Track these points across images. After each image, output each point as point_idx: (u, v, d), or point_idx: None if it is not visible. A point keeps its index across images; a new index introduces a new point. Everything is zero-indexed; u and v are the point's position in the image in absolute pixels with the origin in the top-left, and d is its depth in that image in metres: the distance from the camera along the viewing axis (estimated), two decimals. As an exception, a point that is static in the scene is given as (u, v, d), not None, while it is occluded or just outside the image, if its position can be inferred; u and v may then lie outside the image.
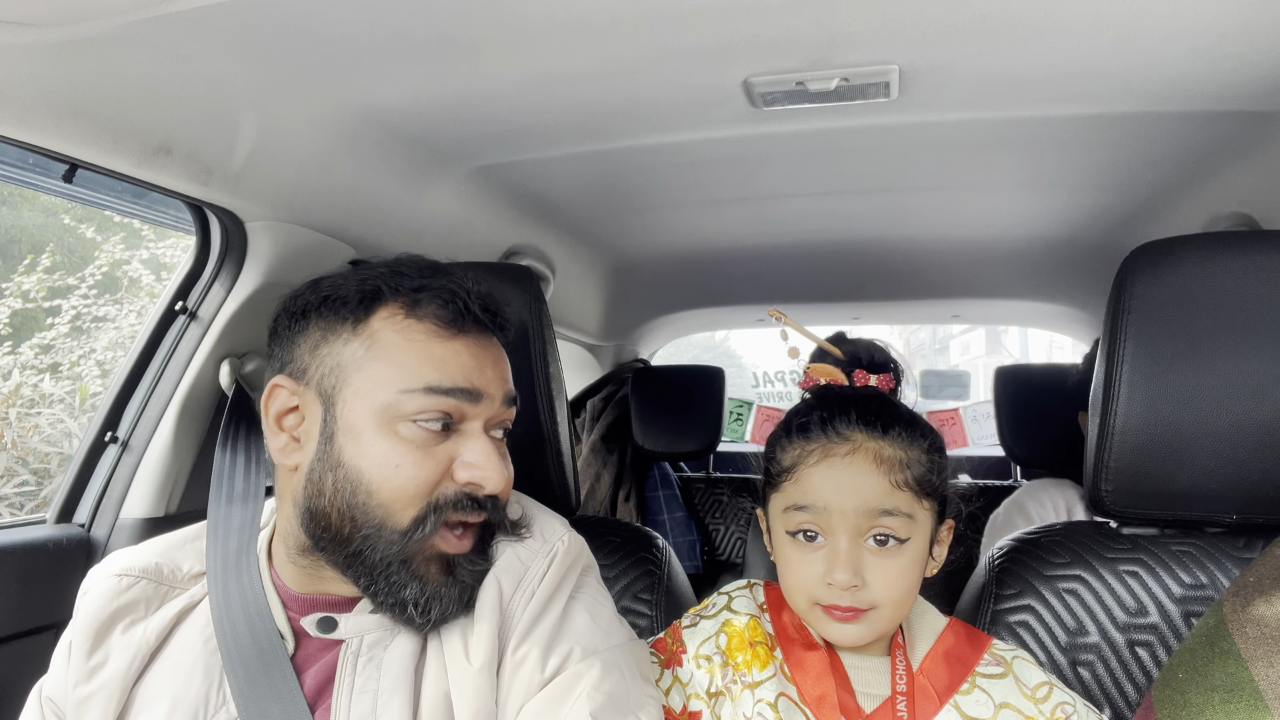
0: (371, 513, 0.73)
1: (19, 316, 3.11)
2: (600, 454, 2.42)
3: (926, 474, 0.82)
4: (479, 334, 0.80)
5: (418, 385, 0.74)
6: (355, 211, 1.21)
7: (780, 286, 2.23)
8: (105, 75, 0.81)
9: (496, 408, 0.79)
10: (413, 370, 0.75)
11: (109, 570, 0.83)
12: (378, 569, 0.74)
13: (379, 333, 0.76)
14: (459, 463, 0.76)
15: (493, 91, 1.02)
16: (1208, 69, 0.95)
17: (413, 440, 0.74)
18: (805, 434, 0.84)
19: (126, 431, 1.19)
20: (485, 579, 0.79)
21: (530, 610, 0.77)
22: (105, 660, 0.78)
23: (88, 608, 0.80)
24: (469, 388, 0.76)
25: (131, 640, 0.79)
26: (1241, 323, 0.88)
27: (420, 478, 0.74)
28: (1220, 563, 0.96)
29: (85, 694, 0.77)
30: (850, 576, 0.78)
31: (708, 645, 0.86)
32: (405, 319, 0.77)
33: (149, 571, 0.83)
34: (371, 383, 0.75)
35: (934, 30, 0.88)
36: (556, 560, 0.81)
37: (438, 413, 0.74)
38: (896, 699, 0.81)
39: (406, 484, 0.73)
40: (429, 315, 0.77)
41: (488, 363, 0.80)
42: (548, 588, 0.79)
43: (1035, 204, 1.55)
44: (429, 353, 0.76)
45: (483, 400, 0.77)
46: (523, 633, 0.76)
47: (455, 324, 0.78)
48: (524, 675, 0.74)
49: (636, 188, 1.47)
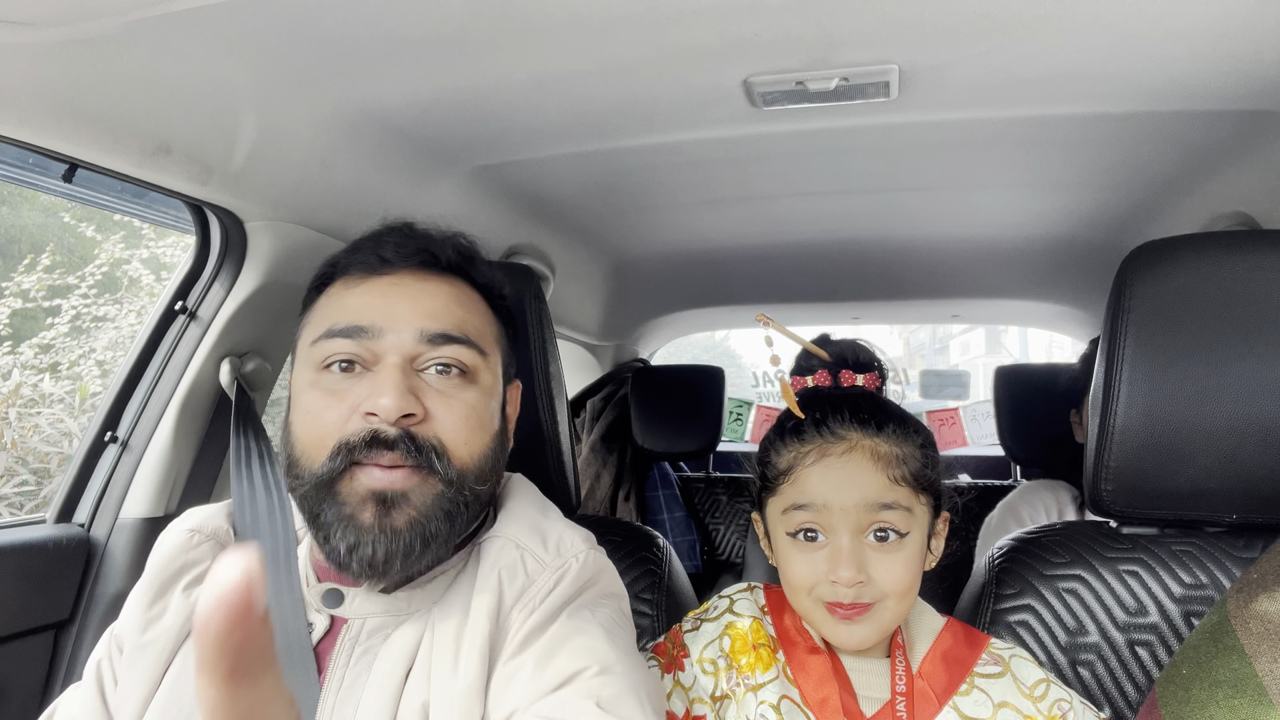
0: (297, 461, 0.74)
1: (19, 316, 3.11)
2: (600, 454, 2.42)
3: (922, 468, 0.83)
4: (407, 272, 0.78)
5: (320, 332, 0.75)
6: (355, 211, 1.21)
7: (780, 286, 2.23)
8: (105, 75, 0.81)
9: (409, 341, 0.74)
10: (321, 321, 0.76)
11: (184, 524, 0.83)
12: (310, 516, 0.74)
13: (315, 305, 0.80)
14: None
15: (493, 91, 1.02)
16: (1208, 69, 0.95)
17: (324, 387, 0.74)
18: (800, 435, 0.85)
19: (126, 431, 1.19)
20: (486, 580, 0.75)
21: (530, 624, 0.72)
22: (163, 613, 0.78)
23: (158, 557, 0.81)
24: (362, 324, 0.74)
25: (189, 600, 0.79)
26: (1241, 323, 0.88)
27: (325, 418, 0.73)
28: (1220, 562, 0.96)
29: (140, 643, 0.77)
30: (854, 573, 0.78)
31: (711, 649, 0.86)
32: (335, 283, 0.79)
33: (218, 534, 0.84)
34: (300, 350, 0.78)
35: (934, 30, 0.88)
36: (568, 578, 0.75)
37: (340, 355, 0.74)
38: (896, 700, 0.81)
39: (314, 426, 0.73)
40: (352, 269, 0.78)
41: (399, 297, 0.76)
42: (552, 604, 0.73)
43: (1035, 204, 1.55)
44: (339, 302, 0.77)
45: (384, 335, 0.74)
46: (518, 646, 0.71)
47: (370, 268, 0.78)
48: (517, 686, 0.68)
49: (636, 187, 1.47)
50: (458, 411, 0.75)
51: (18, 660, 1.05)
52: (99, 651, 0.81)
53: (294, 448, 0.75)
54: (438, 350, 0.75)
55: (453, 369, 0.76)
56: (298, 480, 0.74)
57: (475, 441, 0.76)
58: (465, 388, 0.77)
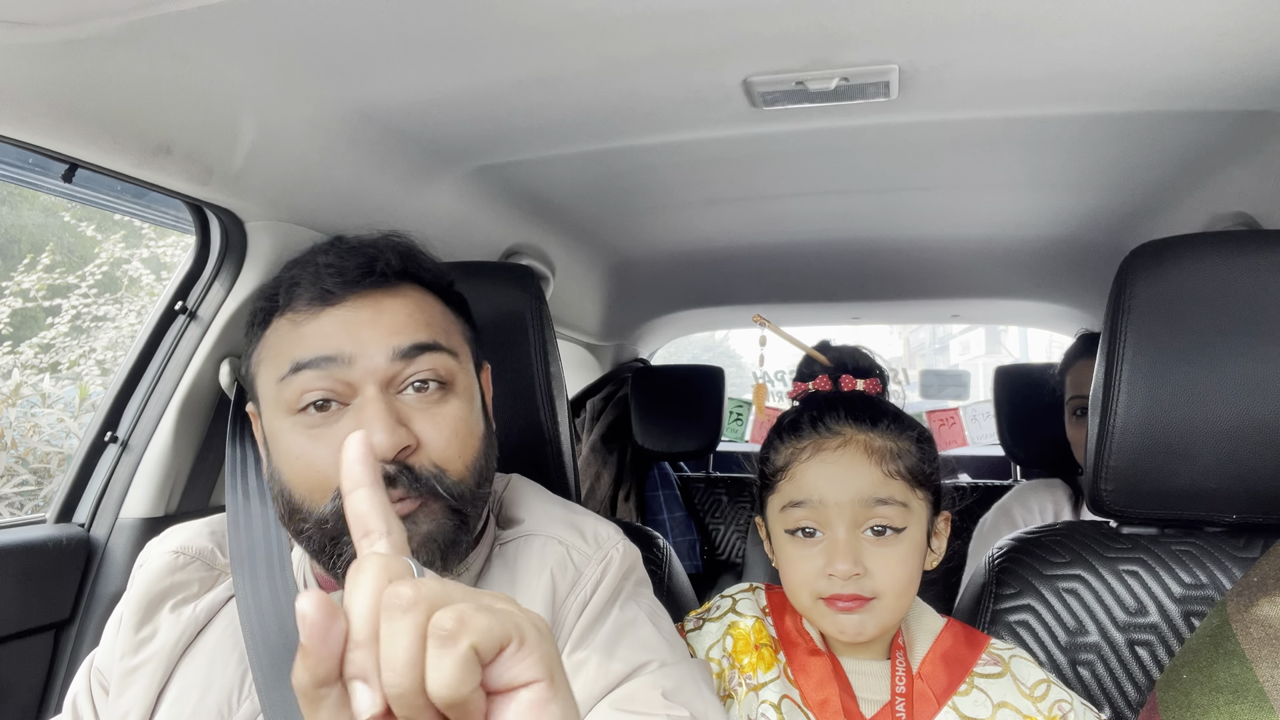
0: (298, 508, 0.72)
1: (19, 316, 3.11)
2: (600, 454, 2.42)
3: (918, 463, 0.84)
4: (359, 296, 0.74)
5: (286, 369, 0.72)
6: (355, 211, 1.21)
7: (780, 286, 2.23)
8: (105, 75, 0.81)
9: (382, 364, 0.71)
10: (281, 356, 0.73)
11: (167, 546, 0.83)
12: (322, 555, 0.73)
13: (264, 339, 0.76)
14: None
15: (493, 91, 1.02)
16: (1208, 69, 0.95)
17: (306, 427, 0.71)
18: (796, 432, 0.86)
19: (126, 431, 1.19)
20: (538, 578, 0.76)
21: (586, 616, 0.74)
22: (154, 634, 0.79)
23: (142, 580, 0.81)
24: (329, 354, 0.71)
25: (180, 619, 0.79)
26: (1241, 322, 0.88)
27: (317, 464, 0.70)
28: (1220, 563, 0.96)
29: (131, 666, 0.77)
30: (851, 565, 0.79)
31: (715, 649, 0.86)
32: (279, 318, 0.75)
33: (204, 554, 0.83)
34: (264, 388, 0.75)
35: (934, 30, 0.88)
36: (613, 567, 0.78)
37: (314, 391, 0.71)
38: (896, 700, 0.81)
39: (308, 473, 0.71)
40: (298, 302, 0.74)
41: (361, 323, 0.73)
42: (604, 594, 0.76)
43: (1035, 204, 1.55)
44: (296, 335, 0.73)
45: (357, 362, 0.71)
46: (579, 638, 0.73)
47: (322, 299, 0.74)
48: (584, 679, 0.70)
49: (636, 188, 1.47)
50: (446, 429, 0.73)
51: (18, 660, 1.05)
52: (77, 684, 0.82)
53: (291, 494, 0.72)
54: (413, 365, 0.73)
55: (430, 384, 0.74)
56: (302, 524, 0.72)
57: (469, 452, 0.76)
58: (446, 400, 0.75)
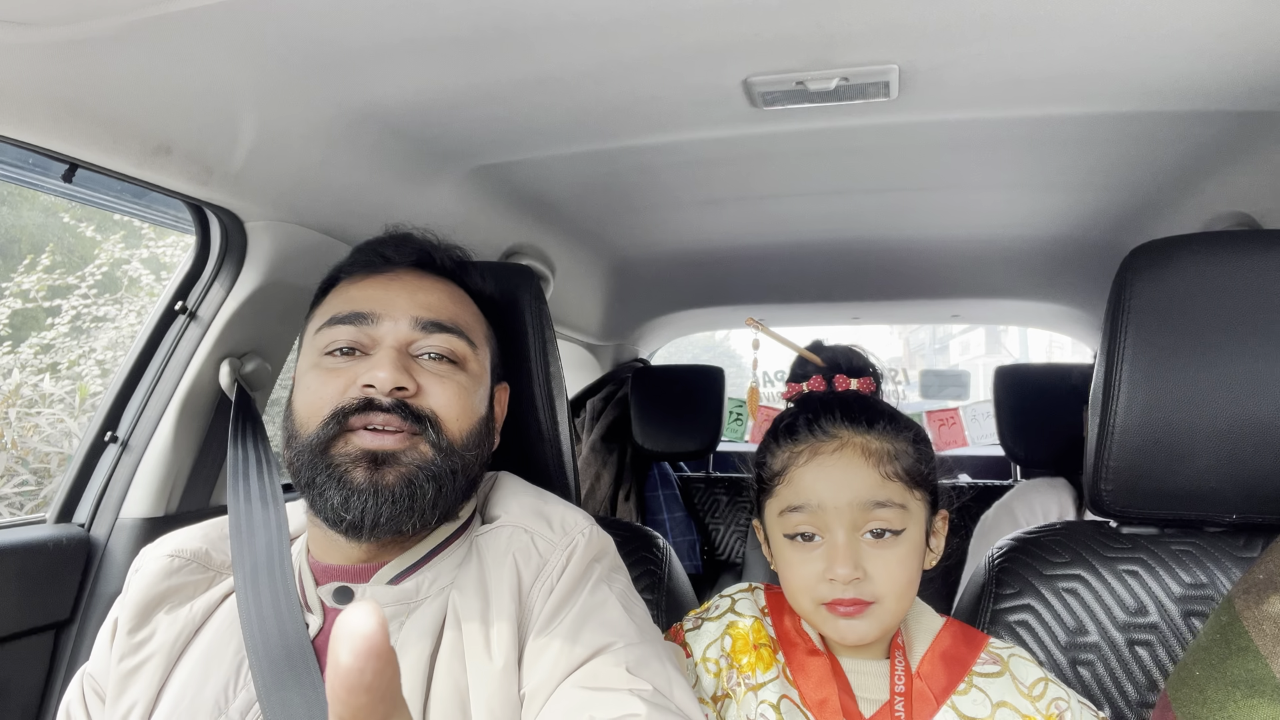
0: (296, 434, 0.79)
1: (19, 316, 3.11)
2: (600, 454, 2.42)
3: (915, 464, 0.83)
4: (402, 271, 0.87)
5: (324, 321, 0.82)
6: (355, 211, 1.21)
7: (780, 286, 2.23)
8: (105, 75, 0.81)
9: (404, 327, 0.81)
10: (326, 313, 0.83)
11: (162, 550, 0.85)
12: (305, 481, 0.77)
13: (322, 303, 0.87)
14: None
15: (493, 91, 1.02)
16: (1208, 69, 0.95)
17: (325, 368, 0.80)
18: (793, 435, 0.86)
19: (126, 431, 1.19)
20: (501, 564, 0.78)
21: (552, 602, 0.76)
22: (151, 635, 0.80)
23: (138, 584, 0.82)
24: (362, 311, 0.81)
25: (177, 619, 0.81)
26: (1241, 323, 0.88)
27: (324, 392, 0.78)
28: (1220, 562, 0.96)
29: (130, 667, 0.79)
30: (851, 569, 0.79)
31: (714, 648, 0.86)
32: (340, 283, 0.88)
33: (199, 556, 0.85)
34: (306, 341, 0.85)
35: (934, 30, 0.88)
36: (578, 553, 0.80)
37: (341, 340, 0.80)
38: (895, 700, 0.81)
39: (313, 399, 0.79)
40: (355, 268, 0.87)
41: (398, 290, 0.84)
42: (569, 580, 0.78)
43: (1035, 204, 1.55)
44: (343, 296, 0.85)
45: (382, 321, 0.81)
46: (544, 623, 0.75)
47: (372, 266, 0.86)
48: (548, 660, 0.72)
49: (636, 188, 1.47)
50: (450, 389, 0.81)
51: (18, 660, 1.05)
52: (70, 693, 0.83)
53: (293, 422, 0.80)
54: (431, 338, 0.82)
55: (444, 357, 0.83)
56: (294, 449, 0.78)
57: (465, 420, 0.82)
58: (456, 372, 0.83)
